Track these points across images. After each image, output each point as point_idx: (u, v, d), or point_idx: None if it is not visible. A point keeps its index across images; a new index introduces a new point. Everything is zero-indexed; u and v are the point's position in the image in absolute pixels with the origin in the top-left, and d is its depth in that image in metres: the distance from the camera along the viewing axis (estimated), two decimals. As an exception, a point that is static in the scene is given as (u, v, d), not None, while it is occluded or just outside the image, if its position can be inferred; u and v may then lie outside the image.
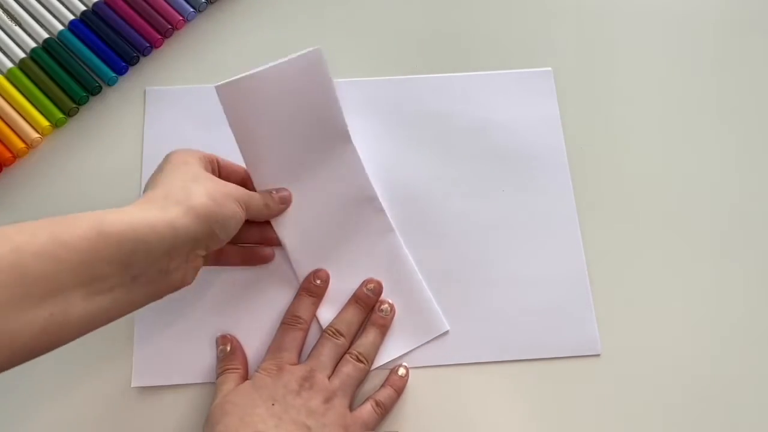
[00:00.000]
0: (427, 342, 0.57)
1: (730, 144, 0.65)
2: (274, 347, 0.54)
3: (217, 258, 0.55)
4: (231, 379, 0.53)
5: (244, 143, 0.54)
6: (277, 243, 0.58)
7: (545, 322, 0.57)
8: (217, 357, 0.55)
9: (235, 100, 0.52)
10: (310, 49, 0.54)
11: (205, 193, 0.47)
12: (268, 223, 0.57)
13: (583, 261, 0.59)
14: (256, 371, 0.53)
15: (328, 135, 0.57)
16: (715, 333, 0.58)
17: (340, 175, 0.58)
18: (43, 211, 0.60)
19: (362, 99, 0.65)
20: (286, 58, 0.53)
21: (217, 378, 0.54)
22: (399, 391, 0.55)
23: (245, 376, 0.54)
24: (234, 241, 0.52)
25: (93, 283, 0.41)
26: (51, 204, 0.61)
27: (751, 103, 0.67)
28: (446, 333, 0.57)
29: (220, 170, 0.54)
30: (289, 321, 0.55)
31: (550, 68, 0.67)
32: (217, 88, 0.51)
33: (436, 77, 0.67)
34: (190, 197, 0.46)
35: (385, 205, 0.60)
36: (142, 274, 0.43)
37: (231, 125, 0.53)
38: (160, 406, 0.54)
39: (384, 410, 0.53)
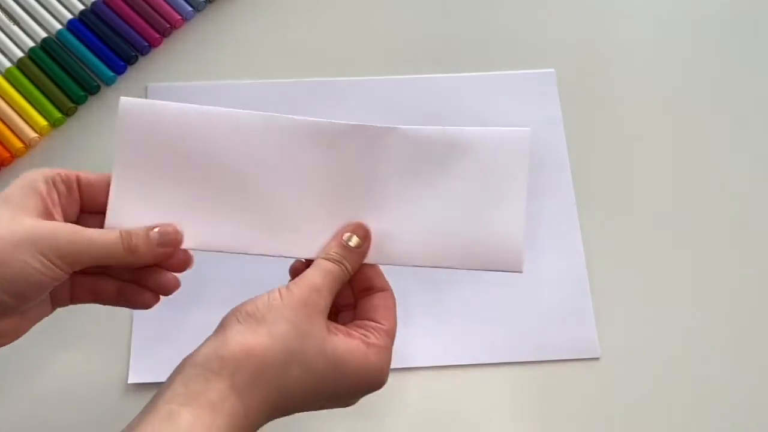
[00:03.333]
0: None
1: (732, 145, 0.65)
2: None
3: (94, 294, 0.42)
4: None
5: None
6: (169, 282, 0.43)
7: (544, 325, 0.57)
8: None
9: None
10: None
11: None
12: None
13: (583, 264, 0.59)
14: None
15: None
16: (716, 336, 0.57)
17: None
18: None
19: (363, 98, 0.65)
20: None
21: None
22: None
23: None
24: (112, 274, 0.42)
25: None
26: (48, 203, 0.60)
27: (754, 103, 0.67)
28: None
29: (80, 190, 0.41)
30: None
31: (552, 69, 0.67)
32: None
33: (438, 77, 0.66)
34: None
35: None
36: None
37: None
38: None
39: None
